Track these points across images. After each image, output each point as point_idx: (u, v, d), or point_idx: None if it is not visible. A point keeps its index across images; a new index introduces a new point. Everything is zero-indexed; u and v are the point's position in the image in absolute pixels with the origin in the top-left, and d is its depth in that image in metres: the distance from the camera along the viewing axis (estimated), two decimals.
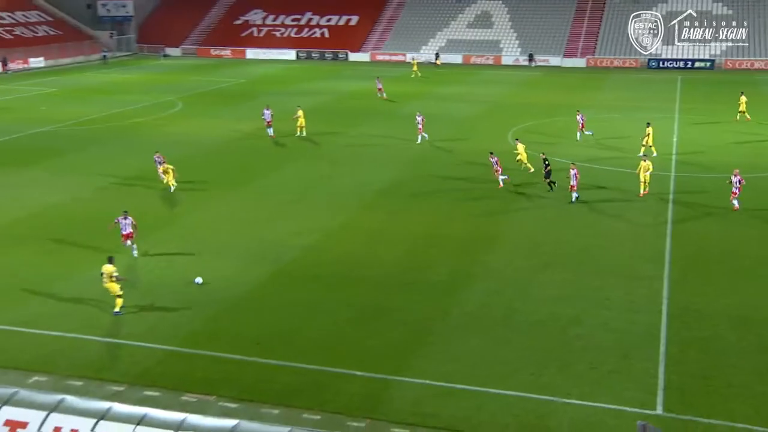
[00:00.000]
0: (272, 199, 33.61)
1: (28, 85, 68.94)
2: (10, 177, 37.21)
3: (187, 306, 22.92)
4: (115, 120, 51.85)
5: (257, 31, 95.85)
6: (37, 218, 30.88)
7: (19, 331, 21.23)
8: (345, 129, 48.64)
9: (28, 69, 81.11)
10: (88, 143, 44.58)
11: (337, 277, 25.28)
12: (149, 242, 28.03)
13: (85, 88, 67.79)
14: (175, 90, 65.25)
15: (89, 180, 36.52)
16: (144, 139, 45.96)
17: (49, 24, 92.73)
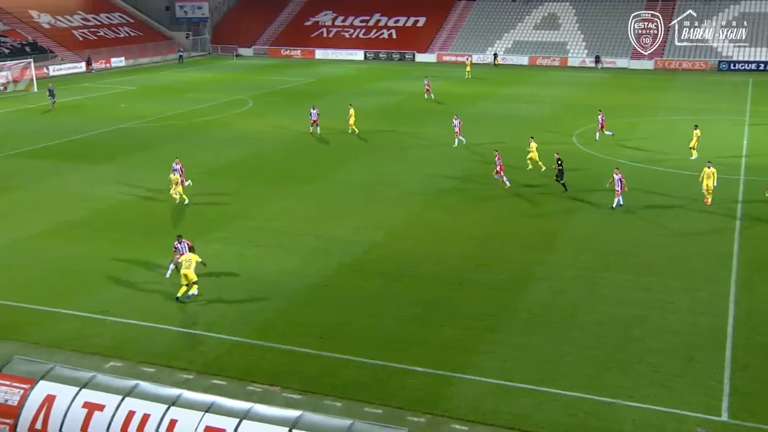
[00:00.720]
0: (338, 195, 33.81)
1: (110, 84, 70.92)
2: (90, 170, 38.34)
3: (255, 298, 23.23)
4: (190, 117, 52.91)
5: (327, 32, 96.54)
6: (114, 210, 31.74)
7: (98, 318, 21.85)
8: (411, 128, 48.59)
9: (109, 68, 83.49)
10: (163, 139, 45.61)
11: (401, 273, 25.27)
12: (220, 234, 28.52)
13: (161, 86, 69.40)
14: (247, 89, 66.22)
15: (164, 174, 37.34)
16: (216, 135, 46.80)
17: (130, 26, 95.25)
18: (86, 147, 43.66)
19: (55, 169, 38.37)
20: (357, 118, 46.93)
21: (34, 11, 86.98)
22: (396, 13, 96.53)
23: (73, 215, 31.14)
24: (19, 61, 68.61)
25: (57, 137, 45.70)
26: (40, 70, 72.35)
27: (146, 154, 41.68)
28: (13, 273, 25.18)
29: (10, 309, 22.41)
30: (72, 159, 40.49)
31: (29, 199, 33.48)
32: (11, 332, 20.90)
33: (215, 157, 40.91)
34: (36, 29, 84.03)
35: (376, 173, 37.59)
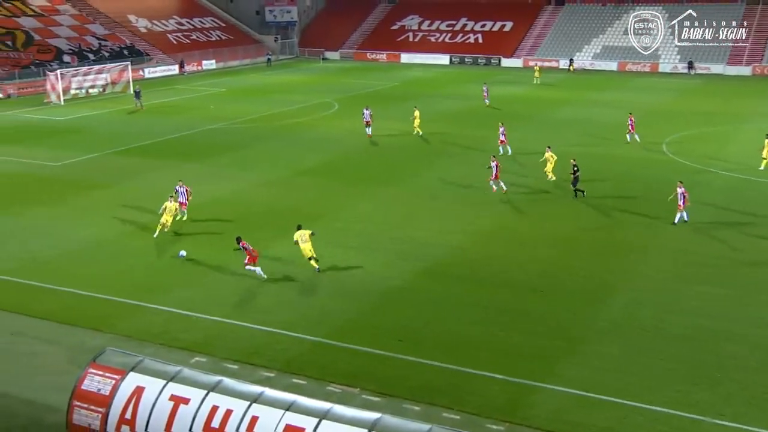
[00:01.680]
0: (420, 198, 33.79)
1: (201, 86, 72.94)
2: (181, 169, 39.44)
3: (335, 299, 23.43)
4: (277, 119, 53.87)
5: (413, 36, 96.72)
6: (204, 208, 32.60)
7: (185, 314, 22.47)
8: (494, 132, 48.15)
9: (201, 71, 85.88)
10: (251, 140, 46.55)
11: (482, 278, 25.06)
12: None
13: (250, 88, 70.93)
14: (333, 91, 66.98)
15: (251, 174, 38.15)
16: (302, 137, 47.50)
17: (221, 29, 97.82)
18: (177, 147, 44.99)
19: (148, 167, 39.69)
20: (439, 122, 46.87)
21: (132, 16, 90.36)
22: (482, 17, 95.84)
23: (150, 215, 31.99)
24: (117, 63, 71.37)
25: (150, 137, 47.28)
26: (136, 72, 74.97)
27: (235, 154, 42.64)
28: (105, 267, 26.15)
29: (104, 302, 23.29)
30: (163, 158, 41.81)
31: (122, 195, 34.73)
32: (104, 324, 21.71)
33: (301, 158, 41.52)
34: (134, 33, 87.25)
35: (457, 177, 37.39)
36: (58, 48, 76.52)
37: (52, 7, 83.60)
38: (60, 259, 26.81)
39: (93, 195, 34.59)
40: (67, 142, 46.20)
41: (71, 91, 64.41)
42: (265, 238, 28.48)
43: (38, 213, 31.27)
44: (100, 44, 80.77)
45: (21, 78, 68.49)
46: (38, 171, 39.08)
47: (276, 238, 28.41)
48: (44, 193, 34.69)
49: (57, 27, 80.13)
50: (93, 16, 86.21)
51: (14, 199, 33.76)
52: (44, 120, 54.25)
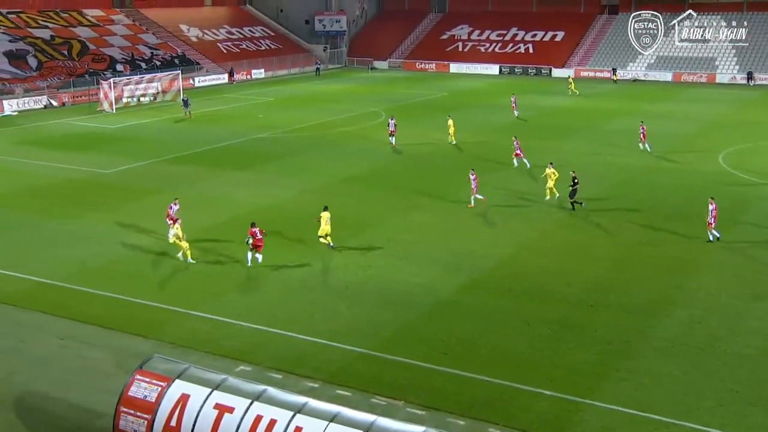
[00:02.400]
0: (470, 209, 33.57)
1: (249, 95, 73.84)
2: (230, 177, 39.93)
3: (382, 310, 23.36)
4: (324, 128, 54.19)
5: (462, 46, 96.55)
6: (252, 216, 32.84)
7: (230, 322, 22.63)
8: (547, 143, 47.72)
9: (250, 80, 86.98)
10: (299, 149, 46.89)
11: (532, 291, 24.75)
12: (350, 244, 28.95)
13: (298, 97, 71.55)
14: (381, 101, 67.16)
15: (297, 182, 38.39)
16: (350, 146, 47.67)
17: (270, 39, 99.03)
18: (225, 155, 45.53)
19: (197, 175, 40.24)
20: (488, 133, 46.57)
21: (184, 25, 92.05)
22: (533, 27, 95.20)
23: (214, 219, 32.50)
24: (168, 72, 72.70)
25: (199, 145, 47.96)
26: (187, 81, 76.20)
27: (282, 163, 42.98)
28: (154, 274, 26.53)
29: (151, 308, 23.61)
30: (212, 166, 42.34)
31: (161, 205, 35.16)
32: (151, 330, 22.00)
33: (347, 167, 41.67)
34: (185, 42, 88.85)
35: (507, 189, 37.08)
36: (111, 57, 78.30)
37: (107, 17, 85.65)
38: (110, 265, 27.29)
39: (143, 202, 35.18)
40: (118, 149, 47.15)
41: (123, 99, 65.78)
42: (310, 246, 28.61)
43: (89, 219, 31.90)
44: (152, 53, 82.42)
45: (75, 87, 70.21)
46: (90, 178, 39.94)
47: (322, 246, 28.50)
48: (96, 200, 35.39)
49: (111, 36, 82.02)
50: (146, 25, 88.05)
51: (66, 205, 34.52)
52: (97, 128, 55.47)
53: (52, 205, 34.67)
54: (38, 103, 65.69)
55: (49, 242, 29.50)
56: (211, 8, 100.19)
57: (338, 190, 37.01)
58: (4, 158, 44.68)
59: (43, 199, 35.80)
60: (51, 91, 67.80)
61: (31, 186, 38.24)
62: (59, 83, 70.27)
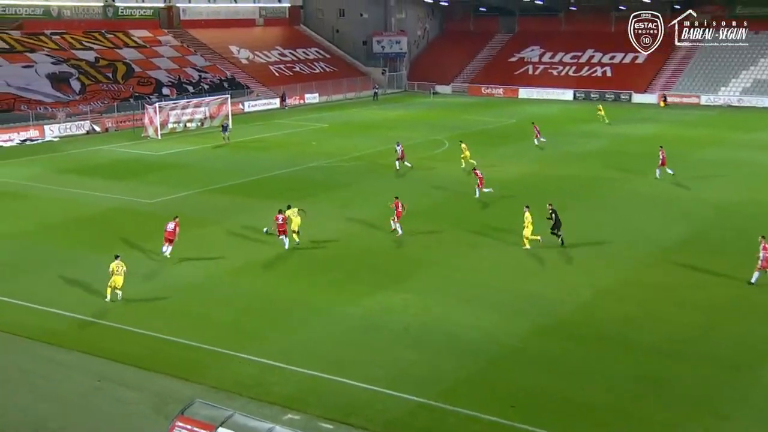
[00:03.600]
0: (541, 248, 33.23)
1: (302, 121, 74.89)
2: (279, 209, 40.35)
3: (443, 356, 23.15)
4: (382, 157, 54.48)
5: (533, 69, 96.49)
6: (303, 250, 33.11)
7: (278, 365, 22.68)
8: (627, 175, 47.13)
9: (303, 105, 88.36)
10: (354, 179, 47.21)
11: (610, 340, 24.23)
12: (408, 284, 28.87)
13: (354, 124, 72.28)
14: (443, 128, 67.35)
15: (352, 214, 38.58)
16: (409, 176, 47.80)
17: (326, 61, 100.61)
18: (276, 184, 46.09)
19: (245, 206, 40.81)
20: (561, 164, 46.16)
21: (234, 47, 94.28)
22: (612, 48, 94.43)
23: (264, 253, 32.83)
24: (217, 96, 74.26)
25: (247, 174, 48.70)
26: (236, 106, 77.75)
27: (336, 194, 43.29)
28: (198, 310, 26.86)
29: (194, 348, 23.86)
30: (262, 196, 42.88)
31: (221, 234, 35.79)
32: (193, 372, 22.21)
33: (412, 201, 41.60)
34: (234, 65, 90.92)
35: (582, 224, 36.64)
36: (157, 80, 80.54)
37: (154, 38, 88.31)
38: (151, 301, 27.75)
39: (187, 234, 35.74)
40: (163, 178, 48.24)
41: (169, 125, 67.35)
42: (366, 285, 28.63)
43: (131, 252, 32.55)
44: (200, 76, 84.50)
45: (120, 111, 72.39)
46: (133, 208, 40.88)
47: (381, 285, 28.52)
48: (137, 232, 36.15)
49: (157, 58, 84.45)
50: (194, 47, 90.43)
51: (107, 237, 35.32)
52: (141, 155, 56.90)
53: (93, 237, 35.53)
54: (81, 128, 67.82)
55: (88, 276, 30.16)
56: (262, 29, 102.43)
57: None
58: (44, 186, 46.12)
59: (83, 231, 36.74)
60: (94, 116, 69.98)
61: (72, 216, 39.31)
62: (103, 107, 72.53)
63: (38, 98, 70.41)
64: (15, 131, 64.17)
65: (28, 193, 44.75)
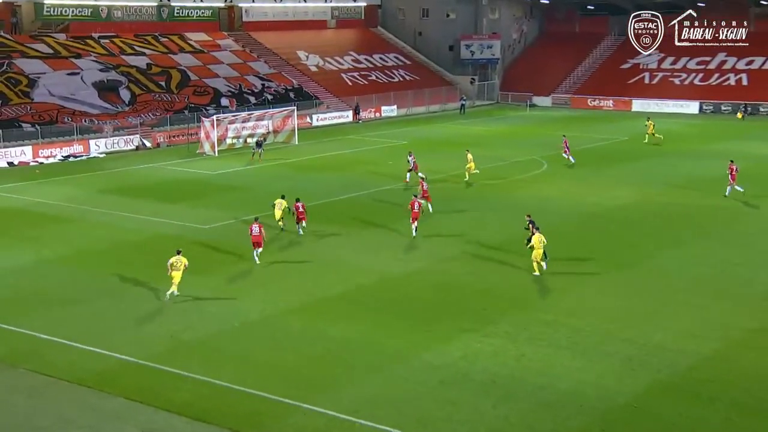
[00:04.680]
0: (660, 288, 32.57)
1: (378, 136, 75.35)
2: (351, 238, 40.51)
3: (538, 412, 22.77)
4: (470, 179, 54.32)
5: (649, 78, 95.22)
6: (382, 286, 33.11)
7: (348, 419, 22.61)
8: (755, 203, 46.01)
9: (379, 118, 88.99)
10: (436, 205, 47.05)
11: (744, 402, 23.46)
12: (499, 327, 28.57)
13: (437, 140, 72.35)
14: (541, 146, 66.92)
15: (434, 247, 38.44)
16: (502, 202, 47.53)
17: (406, 68, 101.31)
18: (347, 209, 46.33)
19: (311, 233, 41.10)
20: (685, 189, 45.16)
21: (302, 52, 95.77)
22: (748, 52, 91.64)
23: (333, 289, 32.97)
24: (282, 108, 75.43)
25: (316, 197, 48.90)
26: (303, 119, 78.87)
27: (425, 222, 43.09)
28: (257, 353, 27.06)
29: (251, 397, 24.01)
30: (331, 222, 43.16)
31: (283, 266, 36.11)
32: (249, 424, 22.32)
33: (499, 227, 41.48)
34: (302, 72, 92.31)
35: (712, 261, 35.81)
36: (215, 90, 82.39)
37: (213, 42, 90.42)
38: (205, 342, 28.08)
39: (246, 266, 36.24)
40: (219, 200, 49.13)
41: (227, 140, 68.76)
42: (450, 326, 28.47)
43: (184, 286, 33.09)
44: (263, 85, 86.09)
45: (173, 124, 74.19)
46: (185, 234, 41.58)
47: (466, 327, 28.35)
48: (192, 263, 36.71)
49: (216, 65, 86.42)
50: (257, 52, 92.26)
51: (156, 267, 35.87)
52: (195, 174, 58.11)
53: (140, 267, 36.22)
54: (129, 143, 69.84)
55: (134, 312, 30.78)
56: (334, 31, 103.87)
57: (487, 258, 36.86)
58: (87, 209, 47.45)
59: (129, 260, 37.55)
60: (144, 130, 71.88)
61: (117, 242, 40.29)
62: (154, 120, 74.44)
63: (83, 109, 72.78)
64: (57, 146, 66.45)
65: (69, 215, 46.11)
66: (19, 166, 62.80)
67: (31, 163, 63.68)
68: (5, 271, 36.06)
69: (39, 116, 69.89)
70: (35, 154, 64.65)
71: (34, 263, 37.15)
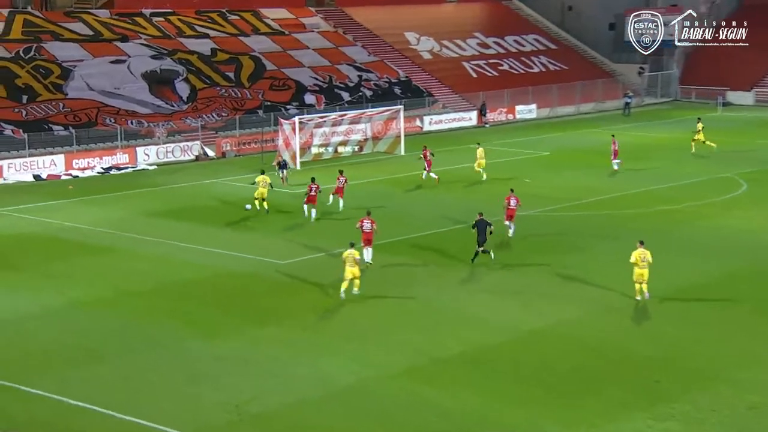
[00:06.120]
0: None
1: (510, 145, 75.02)
2: (473, 280, 40.20)
3: None
4: (635, 203, 53.57)
5: None
6: (516, 346, 32.72)
7: None
8: None
9: (512, 121, 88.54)
10: (589, 237, 46.47)
11: None
12: (674, 407, 27.89)
13: (592, 151, 71.66)
14: (737, 161, 65.89)
15: (585, 293, 37.91)
16: (680, 235, 46.84)
17: (549, 54, 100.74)
18: (467, 241, 45.93)
19: (419, 276, 40.93)
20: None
21: (412, 33, 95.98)
22: None
23: (449, 349, 32.64)
24: (385, 108, 74.78)
25: (426, 225, 48.98)
26: (412, 122, 78.98)
27: (557, 260, 42.64)
28: (353, 426, 26.96)
29: None
30: (451, 258, 43.03)
31: (384, 313, 35.91)
32: None
33: (676, 269, 40.63)
34: (411, 60, 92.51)
35: None
36: (298, 83, 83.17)
37: (296, 20, 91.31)
38: (280, 414, 28.15)
39: (334, 313, 36.19)
40: (301, 228, 49.50)
41: (312, 148, 69.16)
42: (608, 403, 28.06)
43: (251, 337, 33.24)
44: (360, 78, 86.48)
45: (243, 128, 75.20)
46: (257, 271, 41.87)
47: (630, 404, 27.94)
48: (265, 307, 36.89)
49: (300, 51, 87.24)
50: (353, 34, 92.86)
51: (218, 313, 36.25)
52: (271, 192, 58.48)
53: (198, 313, 36.51)
54: (187, 152, 70.86)
55: (190, 371, 31.01)
56: (455, 6, 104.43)
57: (653, 311, 36.30)
58: (131, 236, 48.34)
59: (183, 304, 37.84)
60: (207, 135, 72.94)
61: (168, 282, 40.78)
62: (219, 122, 75.51)
63: (130, 108, 74.35)
64: (96, 155, 67.97)
65: (108, 244, 47.00)
66: (47, 180, 64.49)
67: (62, 176, 65.18)
68: (26, 317, 36.54)
69: (74, 116, 71.50)
70: (68, 165, 66.27)
71: (62, 307, 37.67)
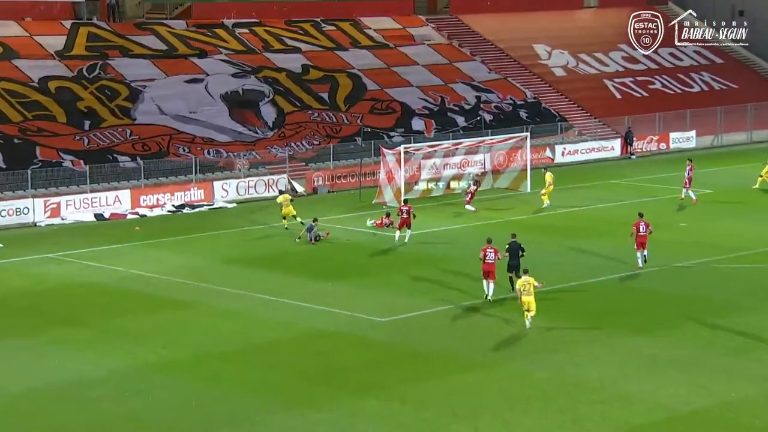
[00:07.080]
0: None
1: (662, 181, 74.70)
2: (619, 350, 40.13)
3: None
4: None
5: None
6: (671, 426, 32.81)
7: None
8: None
9: (665, 151, 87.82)
10: (752, 298, 46.13)
11: None
12: None
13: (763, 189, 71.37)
14: None
15: (749, 368, 37.74)
16: None
17: (714, 70, 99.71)
18: (610, 299, 45.97)
19: (553, 336, 41.10)
20: None
21: (542, 46, 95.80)
22: None
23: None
24: (508, 136, 74.43)
25: (559, 278, 48.57)
26: (541, 152, 78.98)
27: (717, 322, 42.42)
28: None
29: None
30: (587, 320, 43.15)
31: (507, 391, 36.21)
32: None
33: None
34: (541, 78, 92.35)
35: None
36: (404, 106, 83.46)
37: (403, 31, 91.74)
38: None
39: (443, 381, 36.40)
40: (401, 277, 50.02)
41: (420, 183, 69.43)
42: None
43: (347, 411, 33.59)
44: (479, 99, 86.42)
45: (338, 159, 75.81)
46: (353, 331, 42.03)
47: None
48: (360, 375, 37.17)
49: (407, 68, 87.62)
50: (470, 46, 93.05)
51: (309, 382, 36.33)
52: (369, 237, 59.03)
53: (286, 382, 36.81)
54: (272, 187, 71.28)
55: None
56: (595, 12, 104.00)
57: None
58: (208, 287, 49.05)
59: (272, 369, 38.22)
60: (295, 167, 73.63)
61: (253, 342, 41.14)
62: (310, 152, 76.05)
63: (207, 135, 75.49)
64: (167, 190, 69.24)
65: (181, 297, 47.76)
66: (110, 219, 65.71)
67: (128, 215, 66.26)
68: (83, 383, 36.68)
69: (143, 145, 72.72)
70: (135, 203, 67.47)
71: (126, 371, 37.87)
